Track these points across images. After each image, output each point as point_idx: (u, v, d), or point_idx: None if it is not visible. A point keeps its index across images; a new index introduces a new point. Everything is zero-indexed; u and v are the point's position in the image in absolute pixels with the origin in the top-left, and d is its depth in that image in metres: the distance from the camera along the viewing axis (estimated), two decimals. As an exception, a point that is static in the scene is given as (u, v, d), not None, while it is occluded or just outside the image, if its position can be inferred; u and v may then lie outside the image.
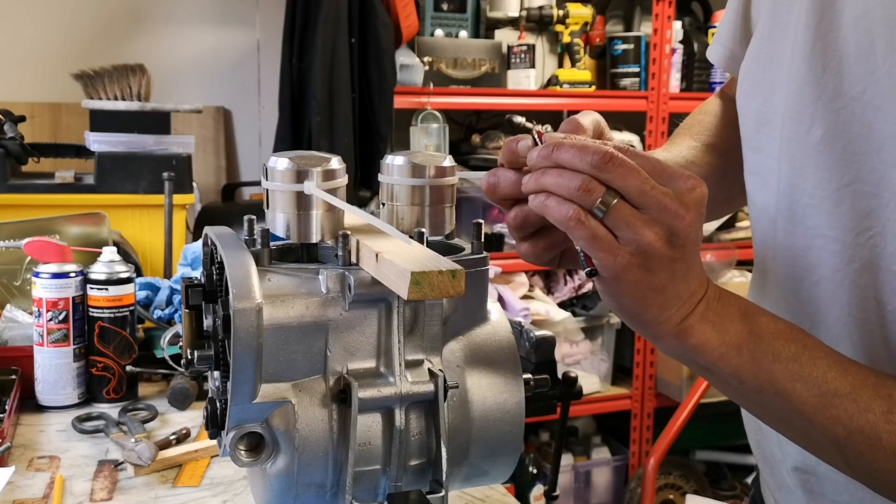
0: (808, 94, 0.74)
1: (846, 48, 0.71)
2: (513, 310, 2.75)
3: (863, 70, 0.70)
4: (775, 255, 0.81)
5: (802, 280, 0.78)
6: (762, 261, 0.85)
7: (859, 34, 0.70)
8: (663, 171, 0.63)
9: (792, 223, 0.78)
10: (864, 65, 0.70)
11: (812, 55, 0.74)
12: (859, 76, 0.70)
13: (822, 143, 0.73)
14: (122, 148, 2.05)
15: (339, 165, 0.75)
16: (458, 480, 0.79)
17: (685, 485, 3.15)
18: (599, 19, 3.13)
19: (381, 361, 0.75)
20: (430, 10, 2.82)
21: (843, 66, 0.71)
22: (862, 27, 0.70)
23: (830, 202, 0.73)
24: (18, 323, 1.42)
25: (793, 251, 0.76)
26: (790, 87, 0.76)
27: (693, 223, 0.62)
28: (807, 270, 0.77)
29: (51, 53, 2.84)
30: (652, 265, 0.62)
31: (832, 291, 0.74)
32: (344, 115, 2.61)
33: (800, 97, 0.75)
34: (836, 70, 0.72)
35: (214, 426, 0.74)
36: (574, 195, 0.62)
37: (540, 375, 0.82)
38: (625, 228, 0.61)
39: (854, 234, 0.72)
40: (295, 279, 0.73)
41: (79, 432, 1.21)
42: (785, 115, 0.77)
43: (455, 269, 0.64)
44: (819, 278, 0.76)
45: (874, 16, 0.69)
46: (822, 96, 0.73)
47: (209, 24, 3.06)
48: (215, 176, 3.07)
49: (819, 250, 0.75)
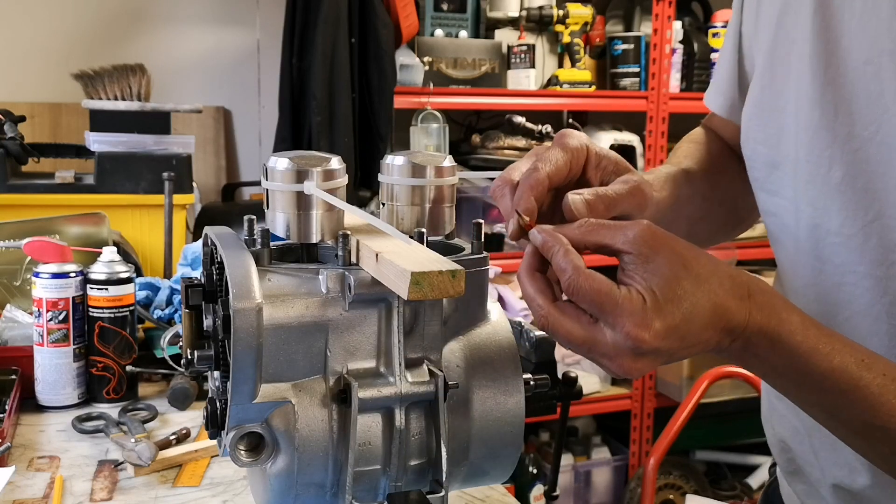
0: (823, 137, 0.77)
1: (855, 91, 0.74)
2: (513, 310, 2.75)
3: (874, 111, 0.73)
4: (806, 293, 0.83)
5: (836, 316, 0.79)
6: (791, 295, 0.86)
7: (867, 78, 0.73)
8: (603, 314, 0.63)
9: (820, 261, 0.80)
10: (874, 106, 0.73)
11: (822, 101, 0.76)
12: (872, 118, 0.73)
13: (843, 183, 0.76)
14: (122, 148, 2.05)
15: (339, 165, 0.75)
16: (458, 480, 0.79)
17: (685, 485, 3.15)
18: (599, 19, 3.13)
19: (381, 361, 0.75)
20: (430, 10, 2.82)
21: (854, 109, 0.74)
22: (870, 71, 0.73)
23: (858, 239, 0.76)
24: (18, 323, 1.42)
25: (824, 288, 0.77)
26: (801, 132, 0.79)
27: (641, 364, 0.63)
28: (839, 307, 0.78)
29: (51, 53, 2.84)
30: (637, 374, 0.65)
31: (869, 325, 0.76)
32: (344, 115, 2.61)
33: (815, 141, 0.77)
34: (848, 113, 0.75)
35: (214, 426, 0.74)
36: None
37: (540, 375, 0.82)
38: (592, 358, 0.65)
39: (885, 268, 0.74)
40: (295, 279, 0.73)
41: (79, 432, 1.21)
42: (800, 160, 0.79)
43: (455, 269, 0.64)
44: (852, 314, 0.77)
45: (881, 60, 0.72)
46: (837, 139, 0.76)
47: (209, 24, 3.06)
48: (215, 176, 3.07)
49: (852, 287, 0.77)
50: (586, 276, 0.63)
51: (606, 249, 0.65)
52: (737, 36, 0.93)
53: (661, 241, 0.64)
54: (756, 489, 3.13)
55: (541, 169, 0.72)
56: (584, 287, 0.63)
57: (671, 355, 0.64)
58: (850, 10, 0.75)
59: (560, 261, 0.65)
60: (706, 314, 0.63)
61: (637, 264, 0.63)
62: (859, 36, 0.74)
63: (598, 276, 0.63)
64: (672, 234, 0.65)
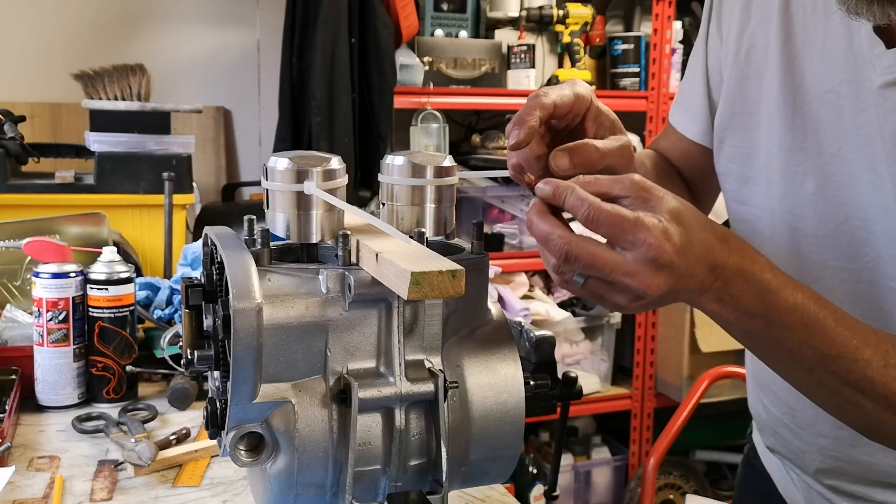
0: (796, 156, 0.89)
1: (820, 116, 0.86)
2: (513, 310, 2.75)
3: (837, 132, 0.85)
4: None
5: None
6: None
7: (829, 104, 0.85)
8: (623, 232, 0.67)
9: (799, 258, 0.91)
10: (836, 128, 0.85)
11: (793, 125, 0.89)
12: (835, 137, 0.85)
13: (816, 193, 0.88)
14: (122, 148, 2.05)
15: (339, 165, 0.75)
16: (458, 480, 0.79)
17: (685, 485, 3.15)
18: (599, 19, 3.13)
19: (381, 361, 0.75)
20: (430, 10, 2.82)
21: (821, 130, 0.86)
22: (831, 98, 0.85)
23: (831, 239, 0.87)
24: (18, 323, 1.42)
25: (805, 282, 0.83)
26: (775, 152, 0.91)
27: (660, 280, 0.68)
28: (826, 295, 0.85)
29: (51, 53, 2.84)
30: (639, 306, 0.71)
31: (848, 309, 0.83)
32: (344, 115, 2.61)
33: (789, 160, 0.89)
34: (816, 134, 0.87)
35: (214, 426, 0.74)
36: (552, 271, 0.71)
37: (540, 375, 0.82)
38: (600, 297, 0.71)
39: (856, 261, 0.85)
40: (295, 279, 0.73)
41: (79, 432, 1.21)
42: (775, 175, 0.91)
43: (455, 269, 0.64)
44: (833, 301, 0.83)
45: (840, 89, 0.84)
46: (808, 157, 0.88)
47: (209, 24, 3.06)
48: (215, 176, 3.07)
49: (829, 279, 0.87)
50: (603, 204, 0.68)
51: (605, 197, 0.69)
52: (704, 70, 1.03)
53: (653, 185, 0.70)
54: (756, 489, 3.13)
55: (549, 94, 0.79)
56: (603, 213, 0.67)
57: (679, 278, 0.68)
58: (812, 48, 0.87)
59: (573, 200, 0.69)
60: (701, 246, 0.69)
61: (637, 205, 0.68)
62: (821, 70, 0.86)
63: (613, 205, 0.68)
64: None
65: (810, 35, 0.88)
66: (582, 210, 0.68)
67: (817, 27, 0.87)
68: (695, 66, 1.05)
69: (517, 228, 2.91)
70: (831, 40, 0.85)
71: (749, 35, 0.94)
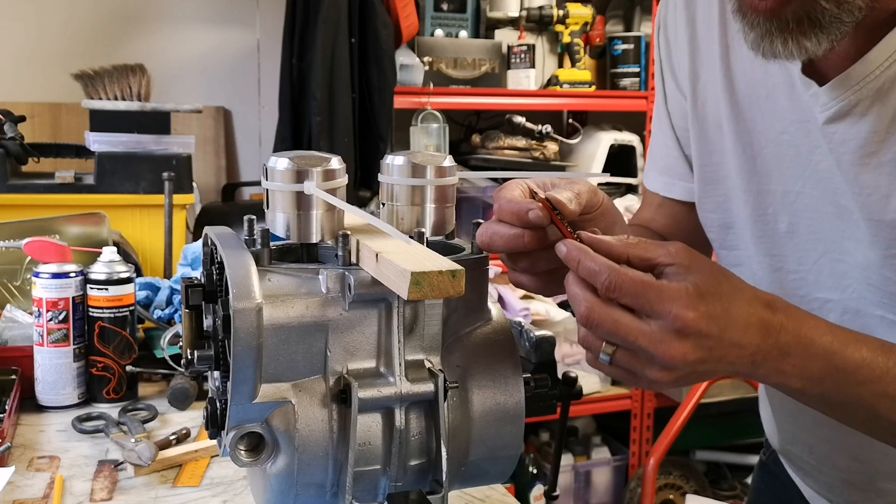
0: (765, 199, 0.91)
1: (780, 156, 0.88)
2: (513, 310, 2.75)
3: (797, 170, 0.87)
4: None
5: None
6: None
7: (785, 145, 0.87)
8: (647, 301, 0.66)
9: (785, 296, 0.90)
10: (796, 166, 0.87)
11: (756, 169, 0.90)
12: (797, 176, 0.87)
13: (790, 231, 0.89)
14: (122, 148, 2.05)
15: (339, 165, 0.75)
16: (458, 480, 0.79)
17: (685, 485, 3.15)
18: (599, 19, 3.13)
19: (381, 361, 0.75)
20: (430, 10, 2.82)
21: (783, 170, 0.88)
22: (785, 140, 0.87)
23: (813, 274, 0.89)
24: (18, 323, 1.42)
25: None
26: (745, 198, 0.92)
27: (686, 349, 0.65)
28: None
29: (51, 53, 2.84)
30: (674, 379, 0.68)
31: None
32: (344, 115, 2.61)
33: (759, 203, 0.91)
34: (780, 174, 0.88)
35: (214, 426, 0.74)
36: (582, 345, 0.70)
37: (540, 375, 0.82)
38: (630, 373, 0.68)
39: (840, 292, 0.87)
40: (295, 279, 0.73)
41: (79, 432, 1.21)
42: (749, 220, 0.93)
43: (455, 269, 0.64)
44: None
45: (791, 129, 0.86)
46: (775, 198, 0.90)
47: (209, 24, 3.06)
48: (215, 176, 3.07)
49: (817, 312, 0.85)
50: (626, 271, 0.66)
51: (648, 263, 0.68)
52: (671, 128, 1.03)
53: (699, 255, 0.69)
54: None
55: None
56: (625, 280, 0.66)
57: (712, 349, 0.66)
58: (756, 94, 0.89)
59: (590, 265, 0.67)
60: (743, 314, 0.67)
61: (678, 273, 0.67)
62: (769, 115, 0.88)
63: (636, 271, 0.66)
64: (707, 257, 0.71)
65: (752, 82, 0.89)
66: (602, 277, 0.66)
67: (757, 73, 0.88)
68: (661, 127, 1.05)
69: (517, 228, 2.90)
70: (772, 84, 0.87)
71: (701, 87, 0.96)
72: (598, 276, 0.66)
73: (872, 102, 0.78)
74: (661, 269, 0.68)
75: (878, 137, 0.78)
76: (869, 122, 0.78)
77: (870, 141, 0.79)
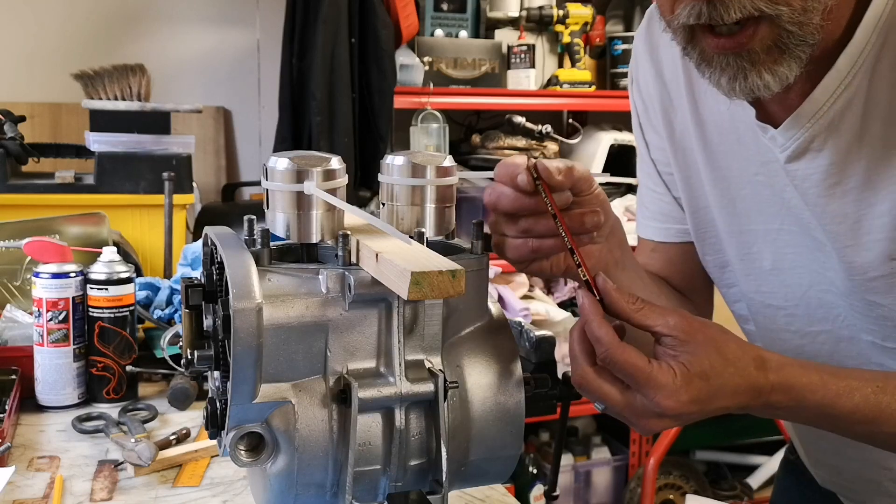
0: (747, 239, 0.93)
1: (757, 197, 0.90)
2: (513, 310, 2.74)
3: (774, 208, 0.89)
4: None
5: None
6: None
7: (760, 185, 0.89)
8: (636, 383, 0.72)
9: (779, 331, 0.95)
10: (773, 205, 0.89)
11: (736, 212, 0.93)
12: (774, 213, 0.89)
13: (774, 269, 0.92)
14: (122, 148, 2.05)
15: (339, 165, 0.75)
16: (458, 480, 0.79)
17: (685, 485, 3.14)
18: (599, 19, 3.13)
19: (381, 361, 0.75)
20: (430, 10, 2.82)
21: (762, 209, 0.91)
22: (760, 181, 0.89)
23: (802, 307, 0.91)
24: (18, 323, 1.42)
25: (788, 351, 0.88)
26: (730, 240, 0.95)
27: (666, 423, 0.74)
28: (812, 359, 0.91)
29: (51, 53, 2.84)
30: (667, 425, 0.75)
31: (839, 363, 0.89)
32: (344, 115, 2.61)
33: (741, 243, 0.94)
34: (759, 213, 0.91)
35: (214, 426, 0.74)
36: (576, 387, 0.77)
37: (540, 375, 0.82)
38: (622, 417, 0.75)
39: (830, 323, 0.89)
40: (295, 279, 0.73)
41: (79, 432, 1.21)
42: (737, 260, 0.96)
43: (455, 269, 0.64)
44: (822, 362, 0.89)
45: (763, 170, 0.88)
46: (757, 237, 0.92)
47: (209, 24, 3.05)
48: (215, 176, 3.07)
49: (811, 345, 0.92)
50: (622, 350, 0.72)
51: (648, 329, 0.74)
52: (657, 176, 1.05)
53: (697, 328, 0.73)
54: (756, 489, 3.12)
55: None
56: (618, 360, 0.72)
57: (690, 418, 0.74)
58: (728, 143, 0.91)
59: (596, 332, 0.73)
60: (730, 389, 0.73)
61: (674, 346, 0.73)
62: (742, 159, 0.90)
63: (631, 350, 0.72)
64: (706, 321, 0.76)
65: (722, 129, 0.92)
66: (601, 348, 0.73)
67: (724, 120, 0.91)
68: (647, 175, 1.06)
69: (517, 228, 2.90)
70: (742, 129, 0.89)
71: (678, 138, 0.98)
72: (598, 345, 0.73)
73: (827, 136, 0.80)
74: (659, 338, 0.74)
75: (837, 168, 0.81)
76: (827, 156, 0.81)
77: (831, 172, 0.81)
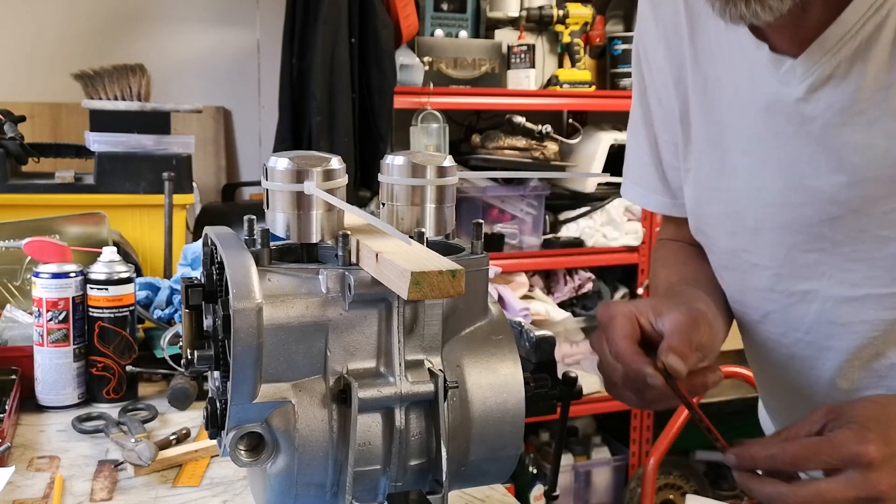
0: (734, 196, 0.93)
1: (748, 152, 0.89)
2: (513, 310, 2.74)
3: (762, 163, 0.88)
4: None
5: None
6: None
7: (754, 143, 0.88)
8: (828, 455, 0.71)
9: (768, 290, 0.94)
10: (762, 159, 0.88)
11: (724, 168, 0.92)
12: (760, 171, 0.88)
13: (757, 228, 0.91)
14: (122, 148, 2.05)
15: (339, 165, 0.75)
16: (458, 480, 0.79)
17: (685, 485, 3.15)
18: (599, 19, 3.13)
19: (381, 361, 0.75)
20: (430, 10, 2.82)
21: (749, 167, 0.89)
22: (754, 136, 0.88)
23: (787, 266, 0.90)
24: (18, 323, 1.42)
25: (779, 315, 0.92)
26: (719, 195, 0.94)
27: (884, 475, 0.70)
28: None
29: (51, 53, 2.84)
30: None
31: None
32: (344, 115, 2.61)
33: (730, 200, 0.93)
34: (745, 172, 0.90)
35: (214, 426, 0.74)
36: None
37: (540, 375, 0.82)
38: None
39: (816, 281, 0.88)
40: (295, 279, 0.73)
41: (79, 432, 1.21)
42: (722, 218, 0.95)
43: (455, 269, 0.64)
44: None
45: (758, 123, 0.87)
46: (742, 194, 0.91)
47: (209, 24, 3.06)
48: (215, 176, 3.07)
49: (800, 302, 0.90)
50: (791, 443, 0.73)
51: (807, 434, 0.75)
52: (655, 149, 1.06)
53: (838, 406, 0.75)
54: (756, 489, 3.13)
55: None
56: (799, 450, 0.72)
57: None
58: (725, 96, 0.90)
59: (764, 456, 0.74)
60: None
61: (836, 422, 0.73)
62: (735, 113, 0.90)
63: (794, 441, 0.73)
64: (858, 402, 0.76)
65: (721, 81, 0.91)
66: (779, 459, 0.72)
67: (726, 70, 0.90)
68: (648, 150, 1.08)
69: (517, 228, 2.91)
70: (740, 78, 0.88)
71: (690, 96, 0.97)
72: (776, 460, 0.72)
73: (853, 62, 0.78)
74: (821, 432, 0.74)
75: (864, 95, 0.78)
76: (853, 82, 0.78)
77: (857, 100, 0.79)
